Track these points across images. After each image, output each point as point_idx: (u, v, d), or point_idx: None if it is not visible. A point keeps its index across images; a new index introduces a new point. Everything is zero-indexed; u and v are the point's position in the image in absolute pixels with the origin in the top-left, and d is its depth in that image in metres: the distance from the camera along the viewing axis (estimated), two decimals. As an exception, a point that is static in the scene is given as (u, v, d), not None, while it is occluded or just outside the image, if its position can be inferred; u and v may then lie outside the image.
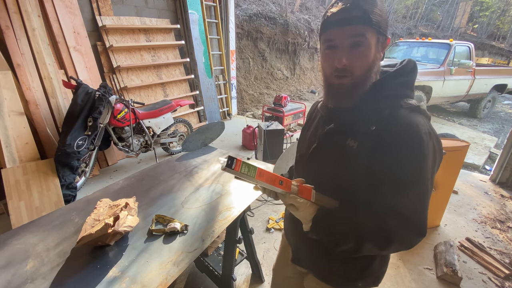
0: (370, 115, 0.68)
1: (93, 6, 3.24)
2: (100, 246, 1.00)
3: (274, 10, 8.47)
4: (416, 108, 0.66)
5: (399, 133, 0.63)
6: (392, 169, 0.63)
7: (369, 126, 0.66)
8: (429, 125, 0.65)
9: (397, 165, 0.63)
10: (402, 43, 6.70)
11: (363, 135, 0.67)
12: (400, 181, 0.63)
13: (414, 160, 0.62)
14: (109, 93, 2.67)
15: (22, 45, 2.61)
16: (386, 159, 0.64)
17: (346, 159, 0.70)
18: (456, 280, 1.80)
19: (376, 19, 0.63)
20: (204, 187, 1.44)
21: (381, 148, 0.64)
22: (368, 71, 0.67)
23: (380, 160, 0.64)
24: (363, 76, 0.67)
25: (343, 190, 0.73)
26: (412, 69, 0.71)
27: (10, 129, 2.40)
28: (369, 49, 0.65)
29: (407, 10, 16.29)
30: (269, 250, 2.08)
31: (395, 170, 0.63)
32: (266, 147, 3.24)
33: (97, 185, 2.94)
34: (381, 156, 0.64)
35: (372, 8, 0.62)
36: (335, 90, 0.70)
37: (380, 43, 0.66)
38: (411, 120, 0.64)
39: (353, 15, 0.62)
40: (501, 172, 3.15)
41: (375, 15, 0.63)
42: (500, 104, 8.40)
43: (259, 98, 7.68)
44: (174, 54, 4.21)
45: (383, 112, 0.66)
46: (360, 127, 0.68)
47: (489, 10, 17.77)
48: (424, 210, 0.63)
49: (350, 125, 0.71)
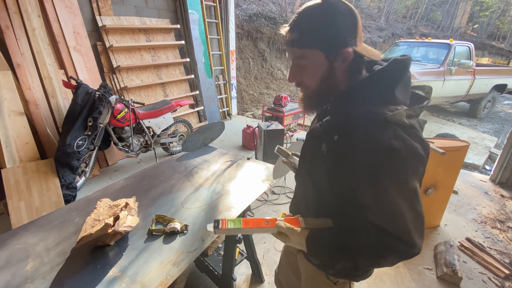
0: (338, 122, 0.69)
1: (93, 6, 3.24)
2: (100, 246, 1.00)
3: (274, 10, 8.47)
4: (384, 120, 0.61)
5: (356, 149, 0.62)
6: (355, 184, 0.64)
7: (333, 134, 0.68)
8: (398, 137, 0.59)
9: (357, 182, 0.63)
10: (402, 43, 6.70)
11: (330, 142, 0.70)
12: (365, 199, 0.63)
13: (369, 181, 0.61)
14: (109, 93, 2.67)
15: (22, 45, 2.61)
16: (347, 172, 0.64)
17: (319, 163, 0.73)
18: (456, 280, 1.80)
19: (314, 40, 0.64)
20: (204, 187, 1.44)
21: (342, 160, 0.65)
22: (322, 83, 0.69)
23: (343, 172, 0.66)
24: (318, 89, 0.70)
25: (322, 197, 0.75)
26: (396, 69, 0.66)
27: (10, 129, 2.40)
28: (314, 66, 0.67)
29: (407, 10, 16.29)
30: (269, 250, 2.08)
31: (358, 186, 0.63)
32: (266, 147, 3.24)
33: (97, 185, 2.94)
34: (344, 168, 0.65)
35: (311, 26, 0.64)
36: (302, 99, 0.76)
37: (331, 56, 0.66)
38: (371, 136, 0.60)
39: (291, 38, 0.67)
40: (501, 172, 3.15)
41: (314, 36, 0.64)
42: (500, 104, 8.40)
43: (259, 98, 7.68)
44: (174, 54, 4.21)
45: (350, 122, 0.66)
46: (329, 134, 0.70)
47: (489, 10, 17.77)
48: (401, 222, 0.59)
49: (324, 129, 0.74)
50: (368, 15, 13.70)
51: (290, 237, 0.70)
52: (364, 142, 0.61)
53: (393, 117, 0.60)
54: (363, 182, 0.62)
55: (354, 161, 0.62)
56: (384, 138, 0.59)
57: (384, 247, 0.61)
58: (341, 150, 0.66)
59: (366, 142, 0.61)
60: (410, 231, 0.59)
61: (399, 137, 0.59)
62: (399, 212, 0.59)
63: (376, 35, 11.93)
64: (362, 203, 0.63)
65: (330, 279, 0.84)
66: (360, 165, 0.61)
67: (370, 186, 0.61)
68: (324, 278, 0.85)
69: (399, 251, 0.61)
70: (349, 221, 0.68)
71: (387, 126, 0.60)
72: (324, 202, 0.75)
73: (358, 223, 0.64)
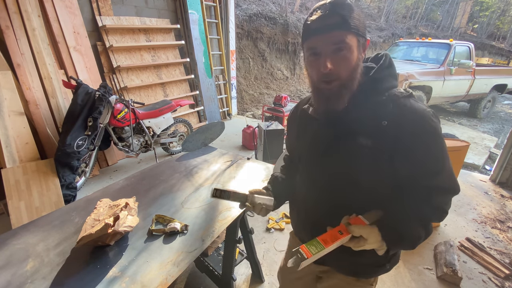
0: (376, 111, 0.70)
1: (93, 6, 3.24)
2: (100, 246, 1.00)
3: (274, 10, 8.47)
4: (410, 94, 0.72)
5: (413, 122, 0.67)
6: (422, 157, 0.68)
7: (380, 122, 0.69)
8: (426, 105, 0.72)
9: (425, 152, 0.68)
10: (402, 43, 6.70)
11: (375, 131, 0.69)
12: (434, 164, 0.69)
13: (436, 143, 0.68)
14: (109, 93, 2.67)
15: (22, 45, 2.61)
16: (413, 149, 0.68)
17: (362, 158, 0.71)
18: (456, 280, 1.80)
19: (354, 24, 0.66)
20: (204, 187, 1.44)
21: (402, 140, 0.67)
22: (353, 72, 0.69)
23: (407, 151, 0.68)
24: (349, 78, 0.69)
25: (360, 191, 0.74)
26: (390, 61, 0.76)
27: (10, 129, 2.40)
28: (351, 52, 0.67)
29: (407, 10, 16.29)
30: (269, 250, 2.08)
31: (425, 157, 0.68)
32: (266, 147, 3.24)
33: (97, 185, 2.94)
34: (406, 148, 0.68)
35: (350, 13, 0.65)
36: (325, 95, 0.71)
37: (360, 45, 0.69)
38: (415, 107, 0.69)
39: (332, 22, 0.65)
40: (501, 172, 3.15)
41: (353, 20, 0.65)
42: (500, 104, 8.40)
43: (259, 98, 7.68)
44: (174, 54, 4.21)
45: (388, 106, 0.70)
46: (370, 125, 0.70)
47: (489, 10, 17.76)
48: (454, 175, 0.71)
49: (358, 124, 0.72)
50: (368, 15, 13.70)
51: (367, 237, 0.66)
52: (415, 117, 0.67)
53: (412, 92, 0.73)
54: (431, 149, 0.68)
55: (414, 135, 0.67)
56: (425, 108, 0.69)
57: (446, 202, 0.72)
58: (394, 132, 0.68)
59: (417, 116, 0.67)
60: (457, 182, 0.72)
61: (427, 106, 0.71)
62: (451, 168, 0.71)
63: (376, 35, 11.93)
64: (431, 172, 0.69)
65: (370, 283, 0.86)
66: (423, 136, 0.67)
67: (438, 149, 0.68)
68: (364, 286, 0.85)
69: (451, 200, 0.73)
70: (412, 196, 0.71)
71: (414, 98, 0.71)
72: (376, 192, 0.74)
73: (423, 194, 0.70)
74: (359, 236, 0.67)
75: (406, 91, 0.72)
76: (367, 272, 0.84)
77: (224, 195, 0.77)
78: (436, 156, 0.68)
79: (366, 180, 0.73)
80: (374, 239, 0.67)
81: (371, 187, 0.73)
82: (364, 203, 0.75)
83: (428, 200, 0.69)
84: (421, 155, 0.68)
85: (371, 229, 0.67)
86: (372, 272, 0.84)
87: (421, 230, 0.69)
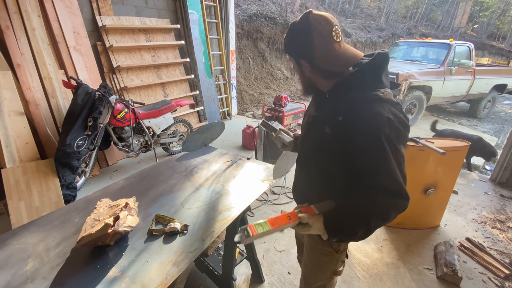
0: (341, 106, 0.81)
1: (93, 6, 3.24)
2: (100, 246, 1.00)
3: (274, 10, 8.46)
4: (378, 98, 0.77)
5: (362, 122, 0.75)
6: (361, 155, 0.76)
7: (337, 117, 0.80)
8: (390, 112, 0.76)
9: (363, 152, 0.75)
10: (402, 43, 6.70)
11: (334, 124, 0.81)
12: (372, 165, 0.75)
13: (377, 146, 0.73)
14: (109, 93, 2.67)
15: (22, 45, 2.61)
16: (354, 147, 0.76)
17: (324, 144, 0.84)
18: (456, 280, 1.80)
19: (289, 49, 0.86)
20: (204, 187, 1.44)
21: (348, 137, 0.77)
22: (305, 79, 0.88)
23: (350, 148, 0.77)
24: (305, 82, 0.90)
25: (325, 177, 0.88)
26: (381, 60, 0.81)
27: (10, 129, 2.40)
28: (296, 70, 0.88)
29: (407, 10, 16.28)
30: (269, 250, 2.08)
31: (363, 156, 0.75)
32: (266, 147, 3.24)
33: (97, 185, 2.94)
34: (350, 144, 0.77)
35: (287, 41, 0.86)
36: None
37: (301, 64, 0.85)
38: (371, 110, 0.75)
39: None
40: (501, 172, 3.15)
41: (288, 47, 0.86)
42: (500, 104, 8.40)
43: (259, 98, 7.68)
44: (174, 54, 4.21)
45: (351, 103, 0.79)
46: (332, 117, 0.82)
47: (489, 10, 17.75)
48: (398, 179, 0.75)
49: (326, 114, 0.85)
50: (368, 15, 13.70)
51: (312, 225, 0.78)
52: (366, 118, 0.75)
53: (386, 96, 0.78)
54: (372, 150, 0.74)
55: (359, 135, 0.75)
56: (382, 112, 0.75)
57: (391, 205, 0.75)
58: (346, 129, 0.78)
59: (368, 118, 0.74)
60: (404, 187, 0.76)
61: (391, 112, 0.76)
62: (398, 173, 0.74)
63: (376, 35, 11.92)
64: (370, 171, 0.75)
65: (333, 248, 0.98)
66: (366, 137, 0.74)
67: (378, 152, 0.73)
68: (327, 248, 0.98)
69: (400, 206, 0.76)
70: (358, 193, 0.78)
71: (382, 104, 0.77)
72: (332, 180, 0.86)
73: (366, 192, 0.76)
74: (305, 223, 0.78)
75: (379, 95, 0.78)
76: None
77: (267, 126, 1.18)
78: (375, 157, 0.74)
79: (324, 164, 0.86)
80: (318, 227, 0.79)
81: (328, 174, 0.86)
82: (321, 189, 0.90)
83: (371, 198, 0.75)
84: (361, 154, 0.75)
85: (317, 218, 0.79)
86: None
87: (362, 226, 0.77)
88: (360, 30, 11.68)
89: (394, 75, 4.73)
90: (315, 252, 1.03)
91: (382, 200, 0.74)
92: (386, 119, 0.74)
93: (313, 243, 1.03)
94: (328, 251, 0.99)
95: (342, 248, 1.00)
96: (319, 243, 0.99)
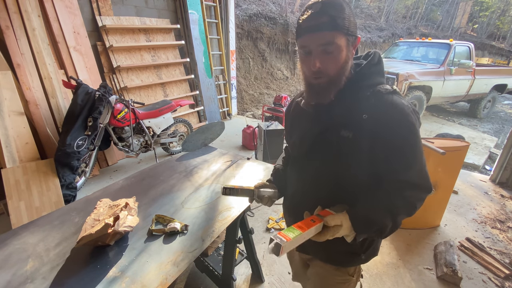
0: (358, 105, 0.74)
1: (93, 6, 3.24)
2: (100, 246, 1.00)
3: (274, 10, 8.46)
4: (394, 91, 0.74)
5: (391, 116, 0.70)
6: (396, 149, 0.71)
7: (360, 115, 0.73)
8: (407, 102, 0.74)
9: (399, 145, 0.71)
10: (402, 43, 6.69)
11: (356, 124, 0.73)
12: (406, 158, 0.72)
13: (411, 138, 0.71)
14: (109, 93, 2.67)
15: (22, 45, 2.61)
16: (387, 142, 0.71)
17: (344, 149, 0.75)
18: (456, 280, 1.80)
19: (343, 23, 0.68)
20: (204, 187, 1.44)
21: (379, 133, 0.71)
22: (341, 70, 0.73)
23: (382, 144, 0.71)
24: (337, 75, 0.73)
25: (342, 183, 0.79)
26: (379, 59, 0.79)
27: (10, 129, 2.40)
28: (340, 52, 0.70)
29: (407, 10, 16.28)
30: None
31: (399, 150, 0.71)
32: (266, 147, 3.24)
33: (97, 185, 2.94)
34: (382, 140, 0.71)
35: (339, 13, 0.67)
36: (315, 89, 0.76)
37: (350, 44, 0.72)
38: (395, 102, 0.72)
39: (321, 21, 0.67)
40: (501, 172, 3.15)
41: (342, 20, 0.68)
42: (500, 104, 8.39)
43: (259, 98, 7.68)
44: (174, 54, 4.21)
45: (369, 100, 0.73)
46: (352, 118, 0.74)
47: (489, 10, 17.74)
48: (427, 172, 0.74)
49: (341, 117, 0.76)
50: (368, 15, 13.69)
51: (343, 225, 0.70)
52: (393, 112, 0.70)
53: (397, 89, 0.76)
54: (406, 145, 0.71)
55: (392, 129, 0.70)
56: (404, 103, 0.72)
57: (418, 199, 0.74)
58: (373, 126, 0.71)
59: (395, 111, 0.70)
60: (430, 180, 0.74)
61: (408, 102, 0.74)
62: (425, 166, 0.73)
63: (376, 35, 11.92)
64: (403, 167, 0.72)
65: (349, 274, 0.90)
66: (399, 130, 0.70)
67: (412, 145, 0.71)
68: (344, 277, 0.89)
69: (424, 199, 0.74)
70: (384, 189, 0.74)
71: (398, 95, 0.74)
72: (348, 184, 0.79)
73: (393, 187, 0.73)
74: (333, 225, 0.70)
75: (390, 88, 0.75)
76: (342, 260, 0.88)
77: (233, 192, 0.87)
78: (409, 150, 0.71)
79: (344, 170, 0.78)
80: (346, 225, 0.71)
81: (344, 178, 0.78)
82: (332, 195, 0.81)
83: (399, 193, 0.72)
84: (394, 148, 0.71)
85: (342, 216, 0.71)
86: (347, 260, 0.88)
87: (389, 220, 0.72)
88: (360, 30, 11.67)
89: (394, 75, 4.73)
90: (328, 285, 0.92)
91: (411, 195, 0.72)
92: (411, 109, 0.72)
93: (325, 274, 0.91)
94: (345, 280, 0.90)
95: (357, 270, 0.92)
96: (332, 273, 0.90)
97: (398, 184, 0.73)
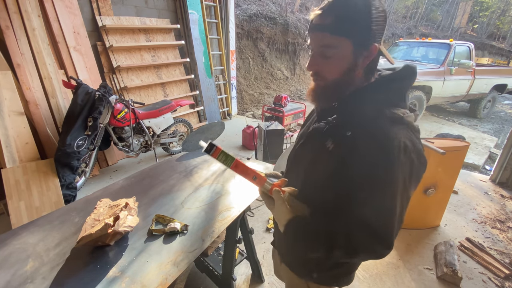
0: (351, 119, 0.66)
1: (93, 6, 3.24)
2: (100, 246, 1.00)
3: (274, 10, 8.46)
4: (399, 119, 0.62)
5: (369, 144, 0.60)
6: (359, 179, 0.61)
7: (345, 131, 0.65)
8: (409, 138, 0.61)
9: (364, 177, 0.60)
10: (402, 43, 6.70)
11: (340, 138, 0.66)
12: (366, 194, 0.60)
13: (380, 175, 0.59)
14: (109, 93, 2.67)
15: (22, 45, 2.61)
16: (353, 169, 0.62)
17: (320, 159, 0.70)
18: (456, 280, 1.80)
19: (350, 28, 0.61)
20: (204, 187, 1.44)
21: (351, 156, 0.62)
22: (341, 77, 0.66)
23: (348, 168, 0.63)
24: (334, 82, 0.67)
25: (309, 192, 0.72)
26: (408, 75, 0.68)
27: (10, 129, 2.40)
28: (340, 59, 0.64)
29: (407, 10, 16.28)
30: (269, 250, 2.08)
31: (361, 181, 0.61)
32: (266, 147, 3.24)
33: (97, 185, 2.94)
34: (350, 165, 0.62)
35: (348, 13, 0.60)
36: (314, 90, 0.73)
37: (357, 49, 0.63)
38: (387, 131, 0.60)
39: (323, 22, 0.62)
40: (501, 172, 3.15)
41: (351, 23, 0.60)
42: (500, 104, 8.40)
43: (259, 98, 7.68)
44: (174, 54, 4.21)
45: (364, 118, 0.64)
46: (339, 130, 0.67)
47: (489, 10, 17.74)
48: (392, 224, 0.60)
49: (332, 126, 0.70)
50: (368, 15, 13.65)
51: (276, 205, 0.68)
52: (379, 140, 0.60)
53: (407, 118, 0.63)
54: (376, 179, 0.59)
55: (367, 158, 0.60)
56: (399, 136, 0.60)
57: (365, 244, 0.60)
58: (353, 145, 0.62)
59: (381, 140, 0.59)
60: (393, 235, 0.60)
61: (410, 138, 0.61)
62: (393, 215, 0.59)
63: (376, 35, 11.91)
64: (362, 199, 0.60)
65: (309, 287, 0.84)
66: (375, 161, 0.59)
67: (384, 183, 0.59)
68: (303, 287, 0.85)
69: (376, 251, 0.61)
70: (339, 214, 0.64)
71: (402, 126, 0.62)
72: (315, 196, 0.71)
73: (349, 217, 0.62)
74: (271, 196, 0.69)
75: (400, 115, 0.63)
76: (300, 272, 0.84)
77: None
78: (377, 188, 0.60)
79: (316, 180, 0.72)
80: (279, 214, 0.68)
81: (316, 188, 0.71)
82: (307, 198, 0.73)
83: (344, 226, 0.61)
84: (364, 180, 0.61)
85: (286, 207, 0.67)
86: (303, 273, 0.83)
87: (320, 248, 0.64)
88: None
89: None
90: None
91: (359, 237, 0.60)
92: (403, 145, 0.59)
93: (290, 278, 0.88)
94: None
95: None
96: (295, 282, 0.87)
97: (346, 216, 0.62)
